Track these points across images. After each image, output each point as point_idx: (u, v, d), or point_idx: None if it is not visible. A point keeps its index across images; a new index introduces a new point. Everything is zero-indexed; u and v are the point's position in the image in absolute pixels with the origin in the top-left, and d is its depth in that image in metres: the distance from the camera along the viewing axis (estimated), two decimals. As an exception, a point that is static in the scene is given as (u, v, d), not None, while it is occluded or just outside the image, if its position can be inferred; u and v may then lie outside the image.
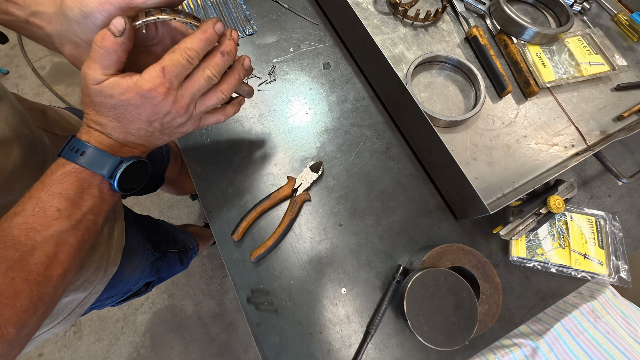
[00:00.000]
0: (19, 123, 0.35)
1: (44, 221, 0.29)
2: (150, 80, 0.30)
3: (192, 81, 0.32)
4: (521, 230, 0.46)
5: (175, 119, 0.33)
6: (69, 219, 0.30)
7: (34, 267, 0.28)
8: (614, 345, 0.52)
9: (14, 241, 0.28)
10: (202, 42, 0.31)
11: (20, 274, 0.27)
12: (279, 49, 0.58)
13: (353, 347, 0.43)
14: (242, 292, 0.45)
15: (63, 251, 0.30)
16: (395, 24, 0.60)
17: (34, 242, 0.28)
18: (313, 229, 0.48)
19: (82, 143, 0.31)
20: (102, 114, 0.31)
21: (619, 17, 0.62)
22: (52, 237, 0.29)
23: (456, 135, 0.53)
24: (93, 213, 0.32)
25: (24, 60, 1.60)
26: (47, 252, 0.29)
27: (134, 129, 0.32)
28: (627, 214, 0.51)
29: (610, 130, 0.55)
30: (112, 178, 0.32)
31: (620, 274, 0.46)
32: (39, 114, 0.47)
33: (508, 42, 0.57)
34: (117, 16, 0.28)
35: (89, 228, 0.32)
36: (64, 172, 0.30)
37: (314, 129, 0.53)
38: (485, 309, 0.41)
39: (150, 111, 0.31)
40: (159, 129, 0.34)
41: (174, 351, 1.21)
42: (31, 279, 0.27)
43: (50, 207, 0.29)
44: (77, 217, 0.31)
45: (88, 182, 0.31)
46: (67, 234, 0.30)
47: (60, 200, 0.30)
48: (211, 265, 1.31)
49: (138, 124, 0.32)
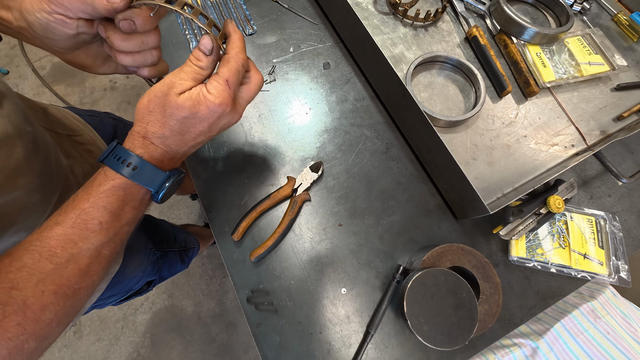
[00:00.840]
0: (21, 120, 0.35)
1: (84, 233, 0.29)
2: (219, 95, 0.31)
3: (250, 91, 0.35)
4: (521, 230, 0.46)
5: (229, 124, 0.35)
6: (107, 232, 0.30)
7: (66, 281, 0.28)
8: (614, 345, 0.52)
9: (50, 252, 0.27)
10: (243, 43, 0.33)
11: (50, 287, 0.27)
12: (279, 49, 0.58)
13: (353, 347, 0.43)
14: (242, 292, 0.45)
15: (96, 263, 0.30)
16: (395, 24, 0.60)
17: (70, 255, 0.28)
18: (313, 229, 0.48)
19: (133, 156, 0.30)
20: (168, 127, 0.31)
21: (619, 17, 0.62)
22: (88, 249, 0.29)
23: (456, 135, 0.53)
24: (130, 224, 0.32)
25: (24, 60, 1.60)
26: (81, 265, 0.28)
27: (192, 140, 0.33)
28: (627, 214, 0.51)
29: (610, 130, 0.55)
30: (158, 192, 0.32)
31: (620, 274, 0.46)
32: (40, 113, 0.47)
33: (508, 42, 0.57)
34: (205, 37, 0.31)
35: (122, 239, 0.32)
36: (113, 186, 0.30)
37: (314, 129, 0.53)
38: (485, 309, 0.41)
39: (215, 122, 0.32)
40: (214, 134, 0.34)
41: (174, 351, 1.21)
42: (60, 293, 0.27)
43: (93, 220, 0.29)
44: (115, 229, 0.30)
45: (134, 195, 0.31)
46: (102, 247, 0.30)
47: (104, 213, 0.29)
48: (211, 265, 1.31)
49: (199, 136, 0.33)
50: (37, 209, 0.36)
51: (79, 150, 0.51)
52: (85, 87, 1.57)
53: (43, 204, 0.37)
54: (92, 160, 0.51)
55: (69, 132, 0.52)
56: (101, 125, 0.62)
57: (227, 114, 0.32)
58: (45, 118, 0.48)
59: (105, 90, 1.57)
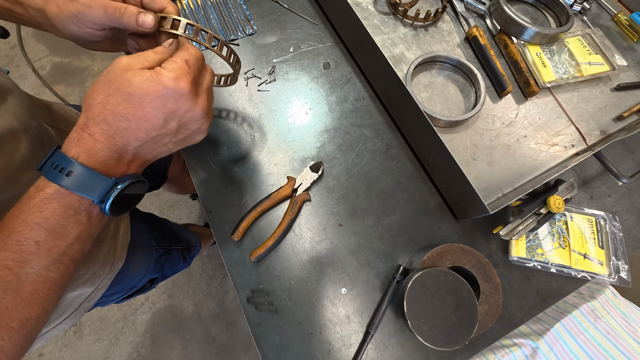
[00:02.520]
0: (26, 116, 0.35)
1: (19, 257, 0.24)
2: (174, 70, 0.27)
3: (209, 79, 0.31)
4: (521, 230, 0.46)
5: (196, 120, 0.30)
6: (49, 253, 0.25)
7: (6, 312, 0.24)
8: (614, 345, 0.52)
9: None
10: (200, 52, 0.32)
11: None
12: (279, 49, 0.58)
13: (353, 347, 0.43)
14: (242, 292, 0.45)
15: (42, 289, 0.25)
16: (395, 24, 0.60)
17: (6, 285, 0.24)
18: (313, 229, 0.48)
19: (67, 160, 0.25)
20: (110, 107, 0.26)
21: (619, 17, 0.62)
22: (28, 275, 0.24)
23: (456, 135, 0.53)
24: (79, 242, 0.27)
25: (24, 60, 1.61)
26: (23, 293, 0.24)
27: (142, 131, 0.27)
28: (627, 214, 0.51)
29: (610, 130, 0.55)
30: (104, 202, 0.27)
31: (620, 274, 0.46)
32: (44, 110, 0.47)
33: (508, 42, 0.57)
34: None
35: (74, 259, 0.27)
36: (44, 198, 0.25)
37: (314, 129, 0.53)
38: (485, 309, 0.41)
39: (171, 106, 0.28)
40: (174, 131, 0.29)
41: (174, 351, 1.21)
42: (3, 324, 0.24)
43: (27, 240, 0.25)
44: (60, 249, 0.26)
45: (75, 208, 0.26)
46: (47, 270, 0.25)
47: (40, 231, 0.25)
48: (211, 266, 1.31)
49: (151, 124, 0.27)
50: None
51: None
52: (86, 87, 1.57)
53: None
54: None
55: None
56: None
57: (185, 96, 0.28)
58: (50, 115, 0.48)
59: (105, 90, 1.57)
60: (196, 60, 0.30)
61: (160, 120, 0.28)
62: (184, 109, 0.29)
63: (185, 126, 0.30)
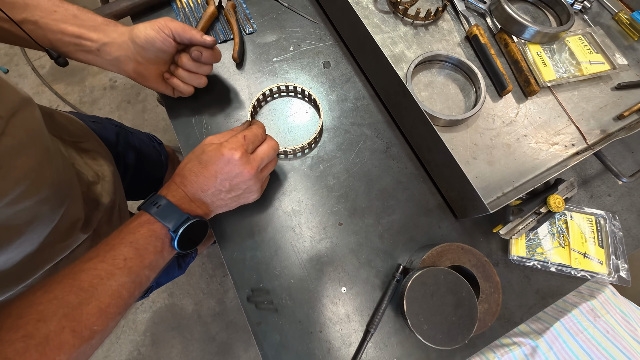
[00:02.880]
0: (37, 130, 0.34)
1: (110, 269, 0.30)
2: (232, 142, 0.38)
3: (262, 150, 0.40)
4: (521, 229, 0.46)
5: (244, 182, 0.39)
6: (130, 271, 0.31)
7: (84, 318, 0.28)
8: (614, 344, 0.52)
9: (79, 286, 0.28)
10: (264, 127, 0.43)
11: (71, 324, 0.27)
12: (279, 47, 0.58)
13: (353, 345, 0.44)
14: (242, 291, 0.45)
15: (114, 305, 0.30)
16: (395, 22, 0.60)
17: (94, 291, 0.29)
18: (313, 228, 0.48)
19: (159, 197, 0.36)
20: (188, 167, 0.38)
21: (619, 15, 0.62)
22: (110, 287, 0.29)
23: (456, 135, 0.53)
24: (150, 268, 0.33)
25: (23, 59, 1.60)
26: (102, 304, 0.29)
27: (206, 185, 0.37)
28: (627, 213, 0.51)
29: (611, 130, 0.55)
30: (176, 232, 0.34)
31: (620, 273, 0.46)
32: (47, 118, 0.47)
33: (508, 41, 0.57)
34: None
35: (142, 283, 0.33)
36: (139, 222, 0.34)
37: (314, 128, 0.53)
38: (485, 308, 0.41)
39: (225, 169, 0.37)
40: (227, 188, 0.38)
41: (174, 350, 1.21)
42: (78, 331, 0.27)
43: (119, 255, 0.31)
44: (137, 270, 0.32)
45: (156, 234, 0.34)
46: (123, 287, 0.30)
47: (130, 249, 0.31)
48: (211, 265, 1.31)
49: (211, 181, 0.37)
50: (45, 220, 0.35)
51: (84, 157, 0.50)
52: (85, 86, 1.57)
53: (51, 214, 0.36)
54: (96, 168, 0.51)
55: (74, 139, 0.51)
56: (104, 132, 0.62)
57: (237, 161, 0.37)
58: (52, 124, 0.48)
59: (105, 89, 1.57)
60: (254, 136, 0.40)
61: (217, 179, 0.37)
62: (235, 172, 0.38)
63: (236, 186, 0.39)
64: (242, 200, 0.41)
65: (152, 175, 0.77)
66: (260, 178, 0.40)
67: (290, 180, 0.50)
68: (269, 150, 0.41)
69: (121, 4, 0.55)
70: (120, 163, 0.63)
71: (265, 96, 0.53)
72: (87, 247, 0.46)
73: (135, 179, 0.69)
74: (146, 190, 0.77)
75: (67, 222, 0.39)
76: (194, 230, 0.36)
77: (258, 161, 0.39)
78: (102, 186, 0.50)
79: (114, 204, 0.52)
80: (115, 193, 0.52)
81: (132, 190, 0.69)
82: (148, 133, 0.80)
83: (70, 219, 0.40)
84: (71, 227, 0.41)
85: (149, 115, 1.53)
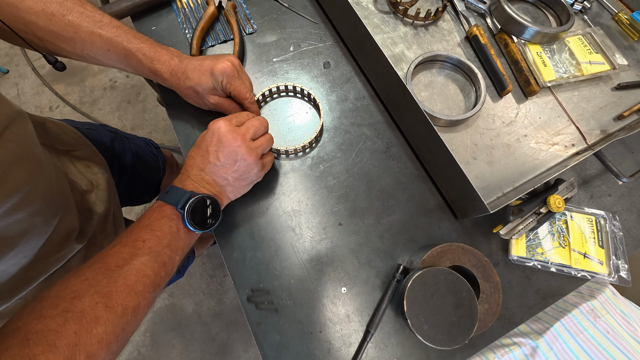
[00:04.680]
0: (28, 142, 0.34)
1: (132, 251, 0.33)
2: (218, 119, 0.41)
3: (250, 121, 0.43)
4: (521, 229, 0.46)
5: (234, 150, 0.40)
6: (150, 251, 0.33)
7: (115, 295, 0.30)
8: (614, 344, 0.52)
9: (106, 267, 0.31)
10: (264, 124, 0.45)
11: (103, 300, 0.29)
12: (279, 48, 0.58)
13: (353, 346, 0.44)
14: (242, 291, 0.45)
15: (140, 283, 0.32)
16: (395, 23, 0.60)
17: (120, 270, 0.31)
18: (313, 228, 0.48)
19: (169, 186, 0.39)
20: (189, 157, 0.41)
21: (619, 16, 0.62)
22: (134, 266, 0.32)
23: (456, 135, 0.53)
24: (170, 248, 0.35)
25: (23, 59, 1.60)
26: (128, 281, 0.31)
27: (202, 163, 0.40)
28: (627, 213, 0.51)
29: (611, 130, 0.55)
30: (184, 209, 0.36)
31: (620, 273, 0.46)
32: (39, 128, 0.46)
33: (508, 41, 0.57)
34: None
35: (165, 263, 0.35)
36: (152, 208, 0.37)
37: (314, 128, 0.53)
38: (485, 308, 0.41)
39: (213, 140, 0.40)
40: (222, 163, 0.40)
41: (174, 350, 1.21)
42: (110, 306, 0.29)
43: (138, 238, 0.34)
44: (157, 249, 0.34)
45: (168, 216, 0.36)
46: (146, 265, 0.33)
47: (147, 231, 0.34)
48: (211, 265, 1.31)
49: (205, 157, 0.40)
50: (39, 232, 0.35)
51: (78, 166, 0.50)
52: (85, 86, 1.57)
53: (45, 226, 0.36)
54: (90, 176, 0.50)
55: (68, 147, 0.50)
56: (99, 138, 0.62)
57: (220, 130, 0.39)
58: (44, 134, 0.47)
59: (105, 89, 1.57)
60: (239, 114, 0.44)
61: (209, 153, 0.40)
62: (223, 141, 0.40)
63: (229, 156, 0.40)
64: (245, 178, 0.42)
65: (149, 180, 0.77)
66: (253, 149, 0.41)
67: (290, 180, 0.50)
68: (255, 121, 0.42)
69: (121, 4, 0.55)
70: (115, 169, 0.63)
71: (265, 96, 0.53)
72: (81, 257, 0.46)
73: (131, 184, 0.69)
74: (142, 195, 0.77)
75: (61, 233, 0.39)
76: (204, 209, 0.38)
77: (244, 129, 0.41)
78: (96, 195, 0.49)
79: (109, 212, 0.51)
80: (110, 201, 0.52)
81: (127, 196, 0.69)
82: (145, 137, 0.80)
83: (65, 230, 0.40)
84: (65, 238, 0.40)
85: (149, 116, 1.53)
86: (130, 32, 0.44)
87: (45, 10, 0.39)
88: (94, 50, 0.43)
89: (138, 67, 0.45)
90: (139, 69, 0.45)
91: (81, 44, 0.42)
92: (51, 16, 0.39)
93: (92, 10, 0.42)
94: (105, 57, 0.44)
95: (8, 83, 1.57)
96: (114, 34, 0.42)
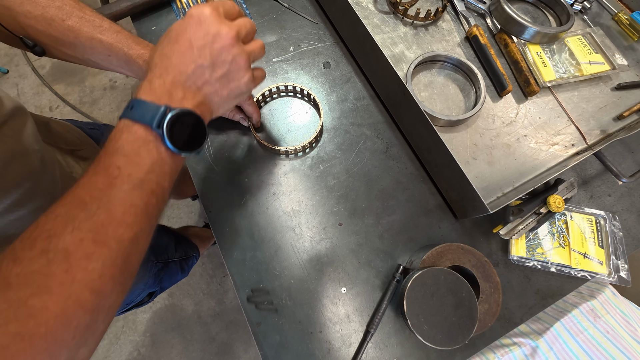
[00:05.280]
0: (30, 139, 0.34)
1: (107, 180, 0.28)
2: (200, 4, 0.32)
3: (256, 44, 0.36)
4: (521, 229, 0.46)
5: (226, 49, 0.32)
6: (130, 178, 0.28)
7: (101, 229, 0.26)
8: (614, 344, 0.52)
9: (79, 200, 0.26)
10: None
11: (88, 235, 0.25)
12: (279, 48, 0.58)
13: (353, 346, 0.43)
14: (242, 291, 0.45)
15: (130, 213, 0.28)
16: (395, 23, 0.60)
17: (99, 201, 0.27)
18: (313, 228, 0.48)
19: (133, 99, 0.30)
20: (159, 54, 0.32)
21: (619, 16, 0.62)
22: (115, 197, 0.27)
23: (456, 135, 0.53)
24: (155, 174, 0.30)
25: (23, 59, 1.60)
26: (114, 213, 0.27)
27: (183, 64, 0.31)
28: (627, 214, 0.51)
29: (611, 130, 0.55)
30: (160, 128, 0.29)
31: (620, 274, 0.46)
32: (43, 128, 0.47)
33: (508, 42, 0.57)
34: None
35: (153, 190, 0.30)
36: (117, 130, 0.30)
37: (314, 128, 0.53)
38: (485, 308, 0.41)
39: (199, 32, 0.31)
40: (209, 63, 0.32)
41: (174, 350, 1.21)
42: (100, 242, 0.26)
43: (111, 165, 0.28)
44: (139, 176, 0.29)
45: (143, 137, 0.30)
46: (130, 195, 0.28)
47: (118, 157, 0.28)
48: (211, 265, 1.31)
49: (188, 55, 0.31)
50: None
51: (82, 165, 0.50)
52: (85, 86, 1.57)
53: None
54: None
55: (72, 147, 0.51)
56: (102, 138, 0.62)
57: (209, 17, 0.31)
58: (48, 133, 0.47)
59: (105, 89, 1.57)
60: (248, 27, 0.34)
61: (194, 49, 0.31)
62: (211, 33, 0.31)
63: (219, 56, 0.32)
64: (234, 84, 0.35)
65: None
66: (246, 52, 0.34)
67: (290, 181, 0.50)
68: (246, 20, 0.35)
69: (121, 5, 0.55)
70: None
71: (265, 96, 0.53)
72: None
73: None
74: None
75: None
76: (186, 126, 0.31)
77: (237, 26, 0.33)
78: None
79: None
80: None
81: None
82: None
83: None
84: None
85: (149, 116, 1.53)
86: (130, 38, 0.43)
87: (44, 14, 0.38)
88: (95, 55, 0.42)
89: (139, 72, 0.44)
90: (140, 75, 0.44)
91: (82, 49, 0.41)
92: (50, 21, 0.39)
93: (91, 15, 0.41)
94: (106, 62, 0.43)
95: (8, 83, 1.57)
96: (115, 39, 0.42)
